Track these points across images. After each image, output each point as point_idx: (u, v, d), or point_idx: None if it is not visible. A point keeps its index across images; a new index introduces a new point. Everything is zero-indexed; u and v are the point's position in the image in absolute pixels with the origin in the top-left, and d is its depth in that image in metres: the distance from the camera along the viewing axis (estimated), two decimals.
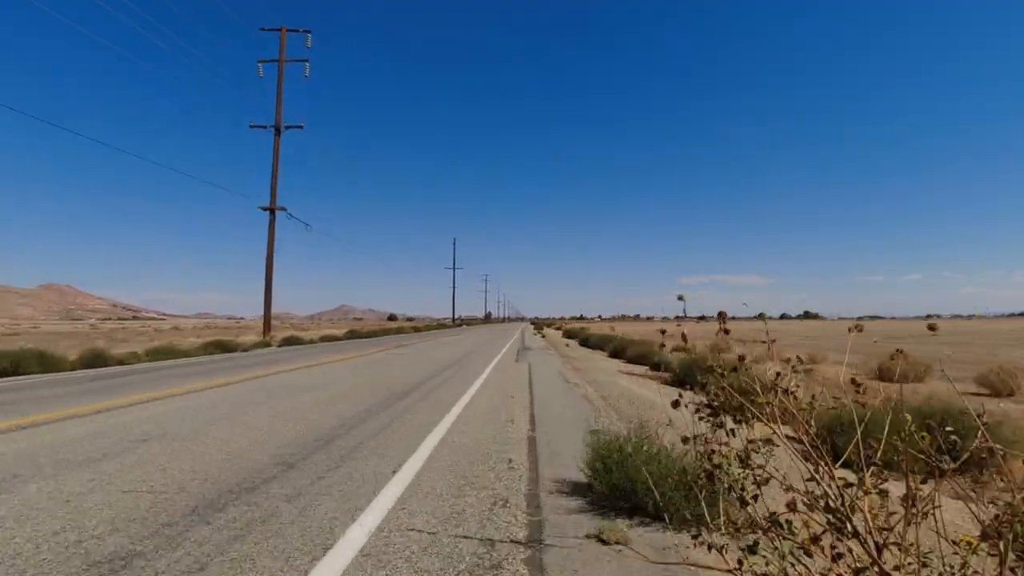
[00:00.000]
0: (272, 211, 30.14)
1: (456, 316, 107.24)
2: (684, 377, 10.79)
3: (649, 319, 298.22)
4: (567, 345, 24.39)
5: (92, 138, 41.81)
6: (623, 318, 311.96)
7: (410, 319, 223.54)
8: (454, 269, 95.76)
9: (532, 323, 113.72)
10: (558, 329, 66.50)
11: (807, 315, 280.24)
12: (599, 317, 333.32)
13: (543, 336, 35.25)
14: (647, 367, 15.16)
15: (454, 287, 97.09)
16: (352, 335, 38.35)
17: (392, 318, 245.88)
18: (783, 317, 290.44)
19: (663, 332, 2.12)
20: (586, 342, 25.98)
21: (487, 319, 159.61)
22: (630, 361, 16.73)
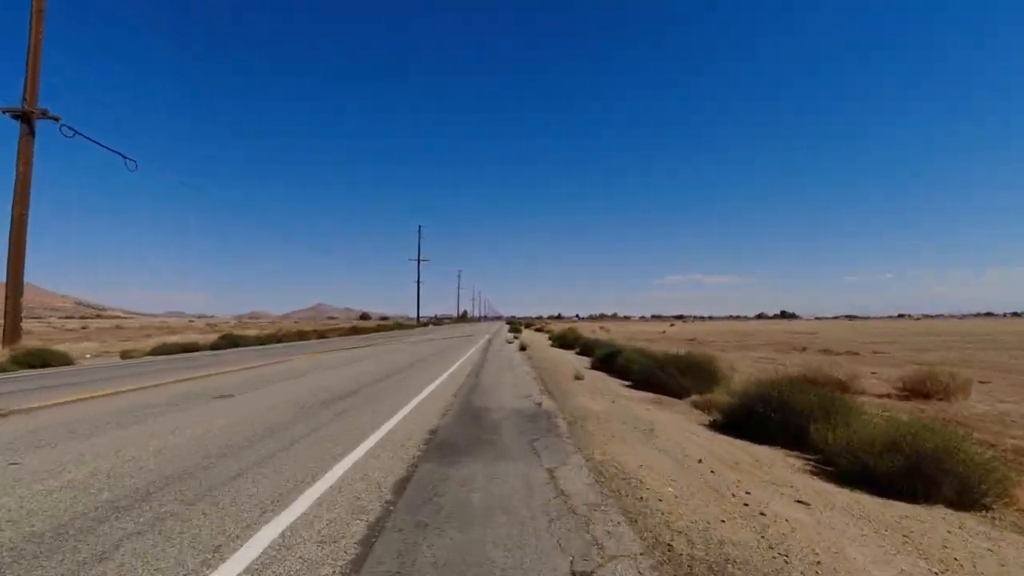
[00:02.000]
0: (26, 118, 16.45)
1: (430, 315, 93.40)
2: None
3: (626, 318, 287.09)
4: (578, 379, 11.16)
5: None
6: (602, 317, 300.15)
7: (384, 318, 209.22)
8: (419, 260, 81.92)
9: (508, 323, 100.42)
10: (539, 331, 52.93)
11: (784, 315, 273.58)
12: (577, 316, 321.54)
13: (522, 348, 21.83)
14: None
15: (419, 280, 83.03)
16: (229, 343, 24.68)
17: (365, 317, 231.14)
18: (760, 317, 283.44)
19: None
20: (608, 361, 13.06)
21: (462, 318, 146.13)
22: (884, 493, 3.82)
